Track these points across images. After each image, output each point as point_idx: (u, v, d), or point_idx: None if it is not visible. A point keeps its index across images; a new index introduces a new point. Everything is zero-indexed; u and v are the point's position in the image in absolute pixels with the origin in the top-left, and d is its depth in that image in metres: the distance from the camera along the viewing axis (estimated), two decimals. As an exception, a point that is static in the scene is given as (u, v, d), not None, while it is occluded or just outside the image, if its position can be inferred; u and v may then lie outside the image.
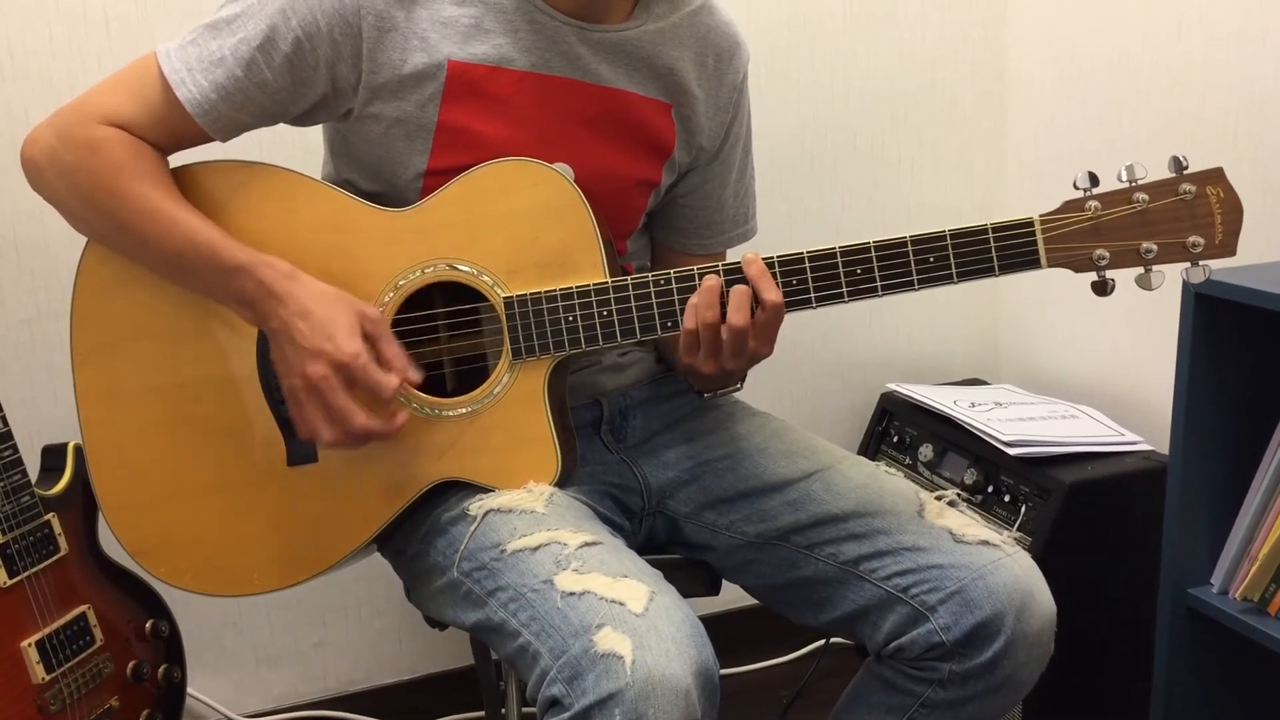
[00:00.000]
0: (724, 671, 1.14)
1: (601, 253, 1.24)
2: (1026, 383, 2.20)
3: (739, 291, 1.17)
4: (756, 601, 1.41)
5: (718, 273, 1.19)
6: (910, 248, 1.17)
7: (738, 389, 1.37)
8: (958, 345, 2.30)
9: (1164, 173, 1.14)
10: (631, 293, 1.22)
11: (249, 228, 1.25)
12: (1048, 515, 1.74)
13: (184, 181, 1.26)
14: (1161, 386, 1.73)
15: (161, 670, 1.61)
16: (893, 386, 2.12)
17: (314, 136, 1.40)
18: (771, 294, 1.17)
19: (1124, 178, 1.14)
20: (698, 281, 1.20)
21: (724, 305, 1.18)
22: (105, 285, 1.28)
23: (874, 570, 1.27)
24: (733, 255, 1.44)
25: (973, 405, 1.98)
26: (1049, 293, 2.17)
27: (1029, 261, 1.16)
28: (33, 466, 1.50)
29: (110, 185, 1.22)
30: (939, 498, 1.32)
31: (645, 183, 1.37)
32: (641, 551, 1.24)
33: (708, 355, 1.20)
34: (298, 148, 1.45)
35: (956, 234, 1.16)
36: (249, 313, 1.23)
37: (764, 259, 1.19)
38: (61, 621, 1.48)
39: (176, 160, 1.28)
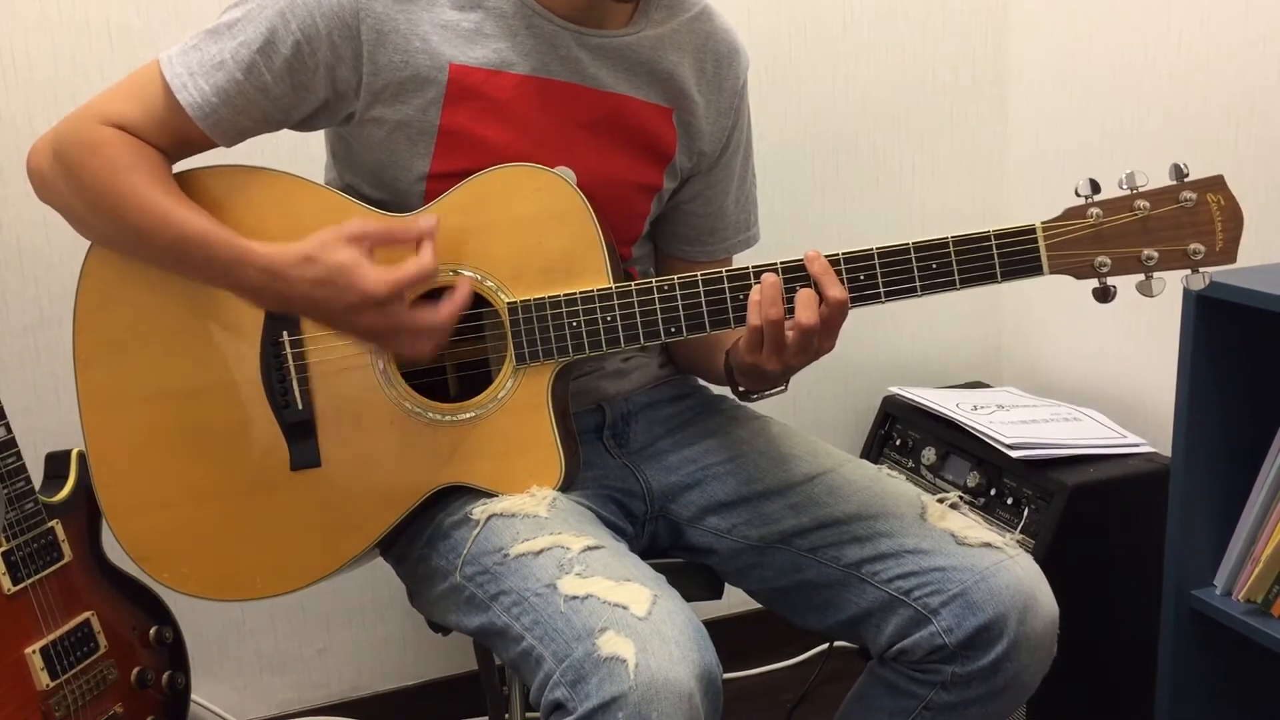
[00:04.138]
0: (727, 675, 1.14)
1: (605, 257, 1.24)
2: (1029, 385, 2.20)
3: (806, 292, 1.17)
4: (759, 605, 1.41)
5: (777, 270, 1.18)
6: (914, 255, 1.17)
7: (783, 390, 1.32)
8: (960, 348, 2.30)
9: (1165, 179, 1.14)
10: (635, 298, 1.23)
11: (251, 233, 1.24)
12: (1050, 517, 1.74)
13: (186, 186, 1.26)
14: (1163, 388, 1.73)
15: (166, 676, 1.62)
16: (895, 390, 2.13)
17: (316, 142, 1.40)
18: (836, 290, 1.16)
19: (1125, 185, 1.14)
20: (700, 286, 1.21)
21: (787, 301, 1.17)
22: (107, 291, 1.28)
23: (876, 573, 1.27)
24: (736, 262, 1.45)
25: (975, 408, 1.98)
26: (1051, 295, 2.17)
27: (1031, 268, 1.16)
28: (36, 474, 1.50)
29: (109, 182, 1.22)
30: (941, 500, 1.33)
31: (647, 187, 1.37)
32: (644, 556, 1.25)
33: (771, 352, 1.19)
34: (300, 153, 1.45)
35: (959, 241, 1.16)
36: (260, 301, 1.23)
37: (757, 266, 1.19)
38: (65, 628, 1.48)
39: (178, 166, 1.28)
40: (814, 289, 1.17)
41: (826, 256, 1.18)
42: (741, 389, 1.34)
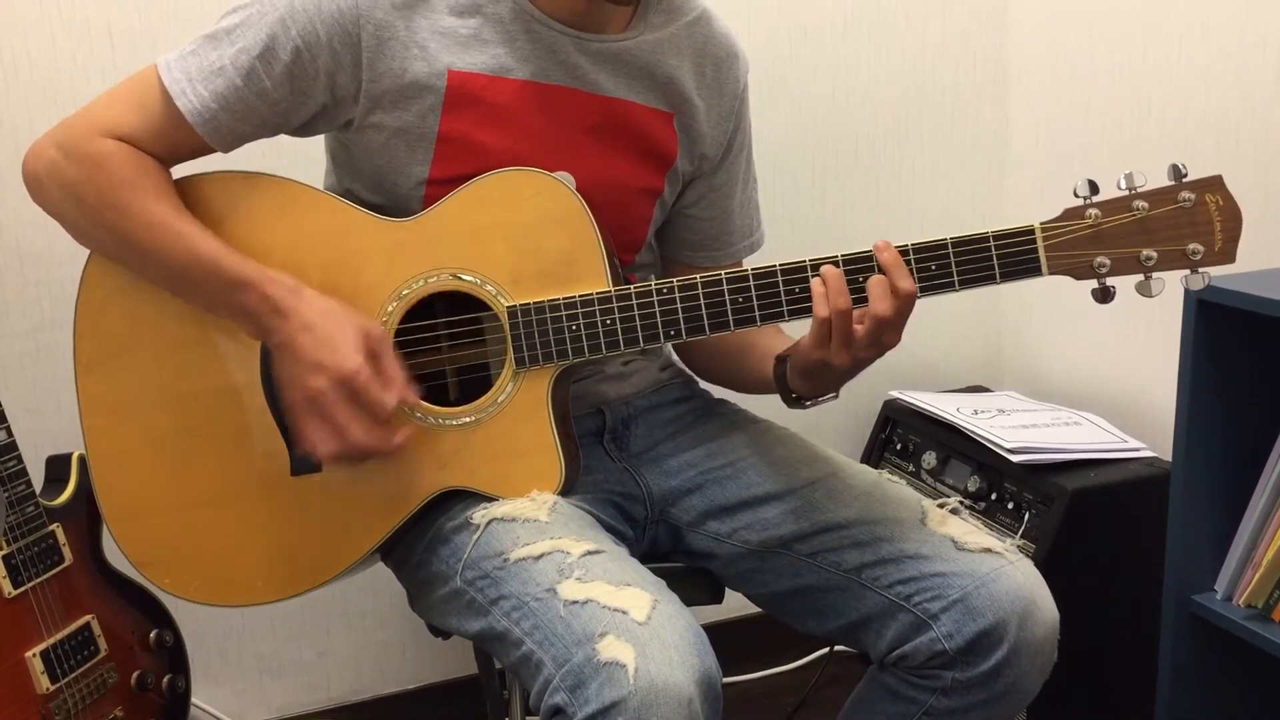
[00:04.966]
0: (727, 680, 1.14)
1: (604, 261, 1.24)
2: (1029, 390, 2.20)
3: (879, 281, 1.15)
4: (760, 610, 1.41)
5: (838, 265, 1.17)
6: (912, 255, 1.17)
7: (834, 397, 1.30)
8: (960, 352, 2.30)
9: (1163, 180, 1.14)
10: (634, 301, 1.22)
11: (252, 238, 1.25)
12: (1051, 522, 1.73)
13: (186, 193, 1.26)
14: (1164, 393, 1.73)
15: (166, 680, 1.62)
16: (895, 394, 2.12)
17: (315, 146, 1.40)
18: (906, 282, 1.15)
19: (1124, 185, 1.14)
20: (700, 289, 1.21)
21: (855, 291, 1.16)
22: (109, 295, 1.28)
23: (877, 578, 1.27)
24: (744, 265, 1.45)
25: (975, 412, 1.98)
26: (1051, 299, 2.17)
27: (1030, 269, 1.16)
28: (37, 477, 1.50)
29: (113, 200, 1.22)
30: (941, 505, 1.32)
31: (648, 191, 1.37)
32: (644, 560, 1.25)
33: (841, 345, 1.17)
34: (300, 158, 1.45)
35: (958, 242, 1.16)
36: (252, 327, 1.23)
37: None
38: (66, 632, 1.48)
39: (178, 172, 1.28)
40: (886, 279, 1.15)
41: (825, 258, 1.18)
42: (794, 394, 1.31)
